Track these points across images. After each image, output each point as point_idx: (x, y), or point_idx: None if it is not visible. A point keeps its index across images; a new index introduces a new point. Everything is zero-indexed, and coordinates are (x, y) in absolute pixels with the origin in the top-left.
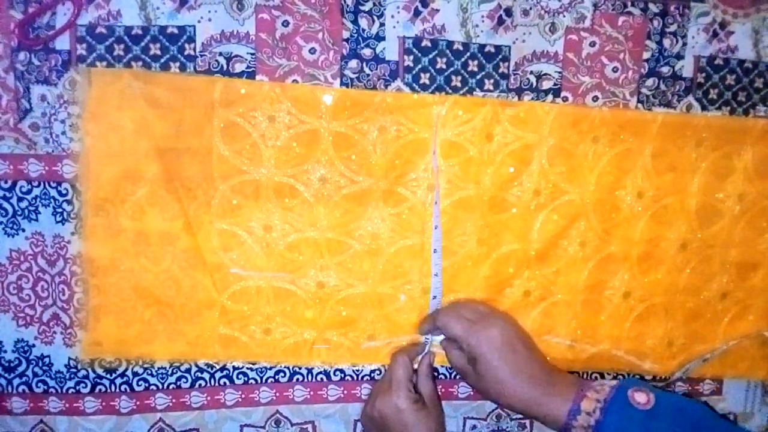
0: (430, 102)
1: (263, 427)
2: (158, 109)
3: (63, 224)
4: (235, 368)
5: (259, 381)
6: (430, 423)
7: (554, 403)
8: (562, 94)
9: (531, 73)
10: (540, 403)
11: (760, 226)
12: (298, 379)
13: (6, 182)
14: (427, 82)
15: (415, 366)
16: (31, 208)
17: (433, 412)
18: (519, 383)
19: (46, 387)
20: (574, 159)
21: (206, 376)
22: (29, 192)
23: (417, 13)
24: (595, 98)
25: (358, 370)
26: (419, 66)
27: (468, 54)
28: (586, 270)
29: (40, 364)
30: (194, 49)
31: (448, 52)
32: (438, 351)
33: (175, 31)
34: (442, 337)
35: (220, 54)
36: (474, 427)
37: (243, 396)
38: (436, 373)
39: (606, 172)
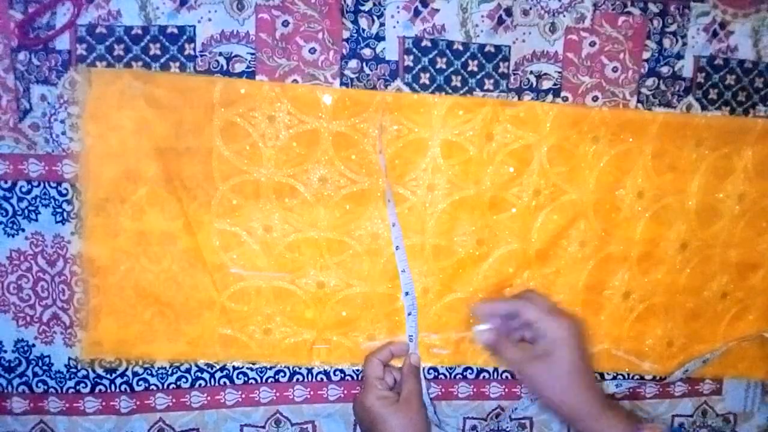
0: (430, 102)
1: (263, 427)
2: (158, 109)
3: (63, 224)
4: (235, 368)
5: (259, 381)
6: (399, 420)
7: (611, 421)
8: (562, 94)
9: (531, 73)
10: (597, 417)
11: (760, 226)
12: (298, 379)
13: (6, 182)
14: (427, 82)
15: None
16: (31, 208)
17: (405, 409)
18: (585, 386)
19: (46, 387)
20: (574, 159)
21: (206, 376)
22: (29, 192)
23: (417, 13)
24: (595, 98)
25: (358, 370)
26: (419, 66)
27: (468, 54)
28: (586, 270)
29: (40, 364)
30: (194, 49)
31: (448, 52)
32: (440, 352)
33: (175, 31)
34: (486, 326)
35: (220, 54)
36: (474, 427)
37: (243, 396)
38: (436, 373)
39: (606, 172)
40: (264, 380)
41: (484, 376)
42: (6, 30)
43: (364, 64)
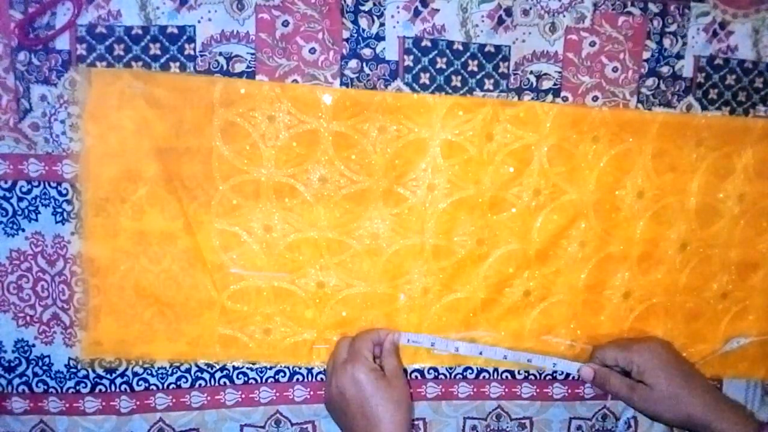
0: (430, 102)
1: (263, 427)
2: (158, 109)
3: (63, 224)
4: (235, 368)
5: (259, 381)
6: (391, 394)
7: (735, 417)
8: (562, 94)
9: (531, 73)
10: (721, 417)
11: (760, 226)
12: (298, 379)
13: (6, 182)
14: (427, 82)
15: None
16: (31, 208)
17: (394, 383)
18: (696, 394)
19: (46, 387)
20: (574, 159)
21: (206, 376)
22: (29, 192)
23: (417, 13)
24: (595, 98)
25: None
26: (419, 66)
27: (468, 54)
28: (586, 270)
29: (40, 364)
30: (194, 49)
31: (448, 52)
32: (440, 352)
33: (175, 31)
34: (580, 365)
35: (220, 54)
36: (474, 427)
37: (243, 396)
38: (436, 373)
39: (606, 172)
40: (264, 380)
41: (484, 376)
42: (6, 30)
43: (364, 64)
